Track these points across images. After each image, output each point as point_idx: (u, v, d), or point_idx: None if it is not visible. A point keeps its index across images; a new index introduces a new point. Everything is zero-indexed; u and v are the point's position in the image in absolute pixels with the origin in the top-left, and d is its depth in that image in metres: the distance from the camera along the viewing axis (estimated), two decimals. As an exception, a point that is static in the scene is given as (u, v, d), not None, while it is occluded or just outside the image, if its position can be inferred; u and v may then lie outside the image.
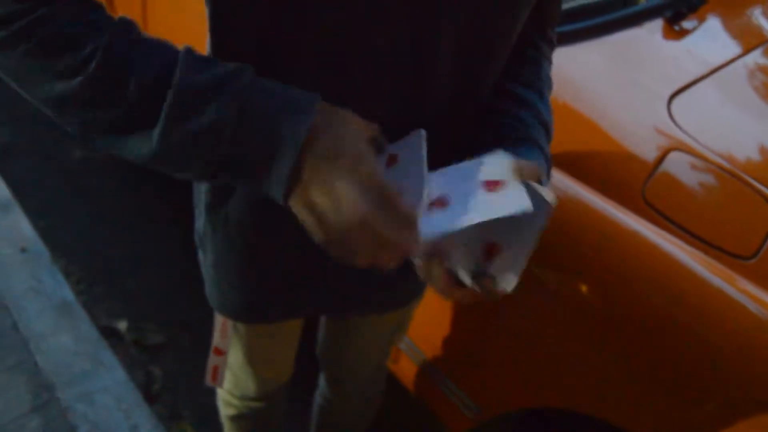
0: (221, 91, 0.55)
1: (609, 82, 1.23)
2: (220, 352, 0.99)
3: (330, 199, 0.55)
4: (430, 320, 1.43)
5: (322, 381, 1.45)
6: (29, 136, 2.74)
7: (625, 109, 1.18)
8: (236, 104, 0.55)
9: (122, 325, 2.08)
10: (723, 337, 0.96)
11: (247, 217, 0.80)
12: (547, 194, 0.57)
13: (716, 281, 0.99)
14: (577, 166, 1.14)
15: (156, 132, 0.56)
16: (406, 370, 1.57)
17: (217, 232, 0.85)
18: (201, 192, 0.86)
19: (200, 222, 0.90)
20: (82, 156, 2.72)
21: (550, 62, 0.86)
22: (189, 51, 0.58)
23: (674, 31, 1.41)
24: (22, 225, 2.24)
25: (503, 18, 0.68)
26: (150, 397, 1.87)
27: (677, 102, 1.19)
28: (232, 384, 1.28)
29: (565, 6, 1.29)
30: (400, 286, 0.98)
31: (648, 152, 1.11)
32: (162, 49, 0.57)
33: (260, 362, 1.15)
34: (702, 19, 1.48)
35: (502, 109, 0.75)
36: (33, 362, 1.79)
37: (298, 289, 0.89)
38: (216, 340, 0.99)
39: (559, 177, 1.14)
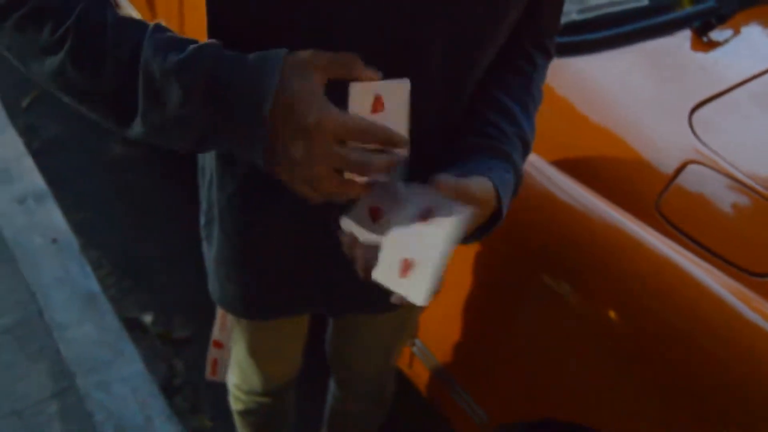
0: (182, 72, 0.56)
1: (632, 91, 1.21)
2: (219, 345, 1.01)
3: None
4: (442, 325, 1.42)
5: (331, 381, 1.45)
6: (74, 132, 2.81)
7: (645, 118, 1.16)
8: (200, 83, 0.56)
9: (148, 319, 2.11)
10: (735, 356, 0.94)
11: (242, 215, 0.81)
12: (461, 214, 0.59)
13: (729, 298, 0.96)
14: (592, 173, 1.12)
15: (138, 115, 0.58)
16: (419, 373, 1.57)
17: (216, 228, 0.87)
18: (204, 186, 0.88)
19: (203, 215, 0.92)
20: (122, 152, 2.78)
21: (543, 75, 0.85)
22: (153, 31, 0.59)
23: (702, 42, 1.38)
24: (54, 216, 2.30)
25: (483, 27, 0.68)
26: (171, 389, 1.90)
27: (699, 114, 1.17)
28: (240, 378, 1.30)
29: (592, 14, 1.28)
30: None
31: (666, 163, 1.09)
32: (133, 27, 0.59)
33: (264, 357, 1.16)
34: (731, 31, 1.45)
35: (485, 118, 0.75)
36: (55, 349, 1.84)
37: (295, 286, 0.90)
38: (215, 333, 1.01)
39: (571, 185, 1.12)
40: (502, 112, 0.75)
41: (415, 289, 0.58)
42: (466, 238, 0.70)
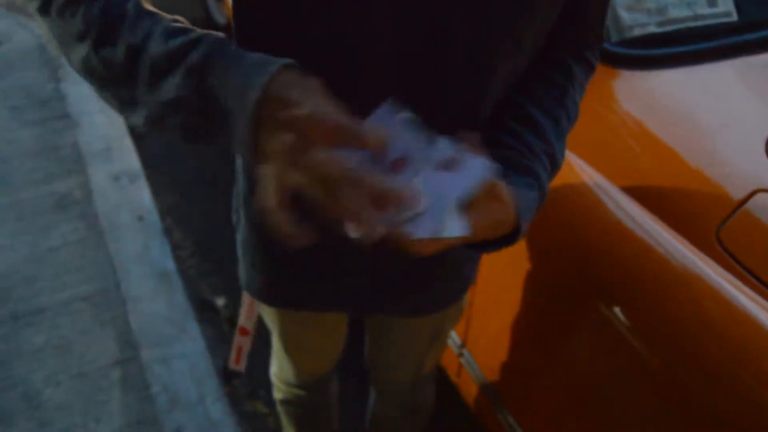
0: (180, 56, 0.56)
1: (707, 111, 1.14)
2: (245, 332, 1.02)
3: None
4: (491, 341, 1.39)
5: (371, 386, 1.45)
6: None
7: (718, 141, 1.09)
8: (196, 67, 0.55)
9: (220, 302, 2.19)
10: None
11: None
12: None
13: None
14: (654, 194, 1.06)
15: (139, 101, 0.59)
16: (466, 384, 1.54)
17: (242, 214, 0.88)
18: (236, 174, 0.89)
19: (234, 200, 0.93)
20: (218, 141, 2.91)
21: (581, 87, 0.79)
22: (165, 21, 0.60)
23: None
24: (143, 196, 2.43)
25: (506, 32, 0.66)
26: (230, 373, 1.95)
27: (777, 141, 1.08)
28: (278, 368, 1.32)
29: (673, 27, 1.21)
30: (431, 289, 0.96)
31: (732, 190, 1.01)
32: (150, 18, 0.60)
33: (296, 350, 1.17)
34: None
35: (512, 129, 0.71)
36: (126, 321, 1.94)
37: (315, 279, 0.90)
38: (242, 319, 1.02)
39: (631, 207, 1.07)
40: (530, 125, 0.72)
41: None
42: (478, 248, 0.67)
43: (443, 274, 0.95)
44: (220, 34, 0.58)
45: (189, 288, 2.16)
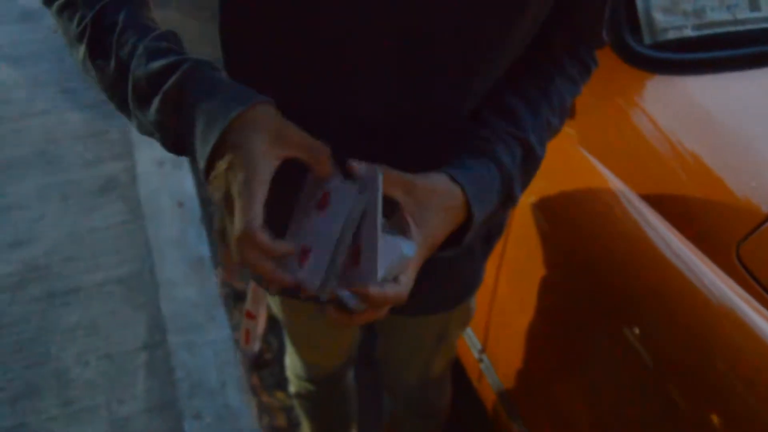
0: (158, 91, 0.58)
1: (738, 121, 1.07)
2: (251, 316, 1.03)
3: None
4: (510, 350, 1.36)
5: None
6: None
7: (748, 153, 1.03)
8: (169, 105, 0.58)
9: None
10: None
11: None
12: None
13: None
14: (674, 204, 1.01)
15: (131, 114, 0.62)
16: (486, 392, 1.51)
17: None
18: None
19: None
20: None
21: (573, 82, 0.76)
22: (149, 39, 0.61)
23: None
24: (186, 182, 2.47)
25: (490, 29, 0.64)
26: (260, 363, 1.97)
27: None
28: (290, 360, 1.33)
29: (710, 31, 1.14)
30: (434, 289, 0.95)
31: (758, 205, 0.95)
32: (138, 31, 0.61)
33: (302, 343, 1.17)
34: None
35: (485, 119, 0.69)
36: (157, 305, 1.97)
37: None
38: (248, 304, 1.04)
39: (651, 219, 1.02)
40: (503, 113, 0.69)
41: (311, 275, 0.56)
42: (447, 247, 0.65)
43: (443, 275, 0.93)
44: (201, 58, 0.60)
45: (225, 276, 2.18)
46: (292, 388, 1.41)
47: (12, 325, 1.91)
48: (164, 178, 2.48)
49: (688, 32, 1.12)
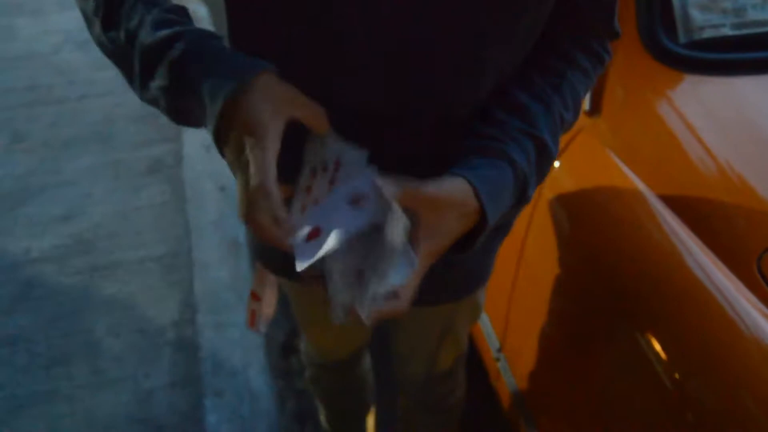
0: (162, 58, 0.60)
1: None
2: (256, 297, 1.05)
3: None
4: (524, 348, 1.34)
5: None
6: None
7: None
8: (174, 71, 0.59)
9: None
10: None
11: None
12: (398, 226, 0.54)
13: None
14: (698, 208, 0.98)
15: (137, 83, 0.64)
16: (503, 391, 1.49)
17: None
18: None
19: None
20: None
21: (585, 75, 0.74)
22: (157, 10, 0.63)
23: None
24: (227, 168, 2.52)
25: (495, 22, 0.64)
26: (289, 348, 1.99)
27: None
28: (303, 346, 1.34)
29: (750, 30, 1.09)
30: (438, 279, 0.94)
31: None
32: (146, 4, 0.64)
33: (309, 325, 1.18)
34: None
35: (496, 118, 0.68)
36: (190, 284, 2.02)
37: None
38: (254, 285, 1.05)
39: (674, 224, 0.98)
40: (514, 110, 0.68)
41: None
42: (458, 249, 0.66)
43: (444, 265, 0.92)
44: (205, 29, 0.62)
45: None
46: (307, 373, 1.42)
47: (55, 295, 1.99)
48: (209, 162, 2.54)
49: (726, 31, 1.08)
